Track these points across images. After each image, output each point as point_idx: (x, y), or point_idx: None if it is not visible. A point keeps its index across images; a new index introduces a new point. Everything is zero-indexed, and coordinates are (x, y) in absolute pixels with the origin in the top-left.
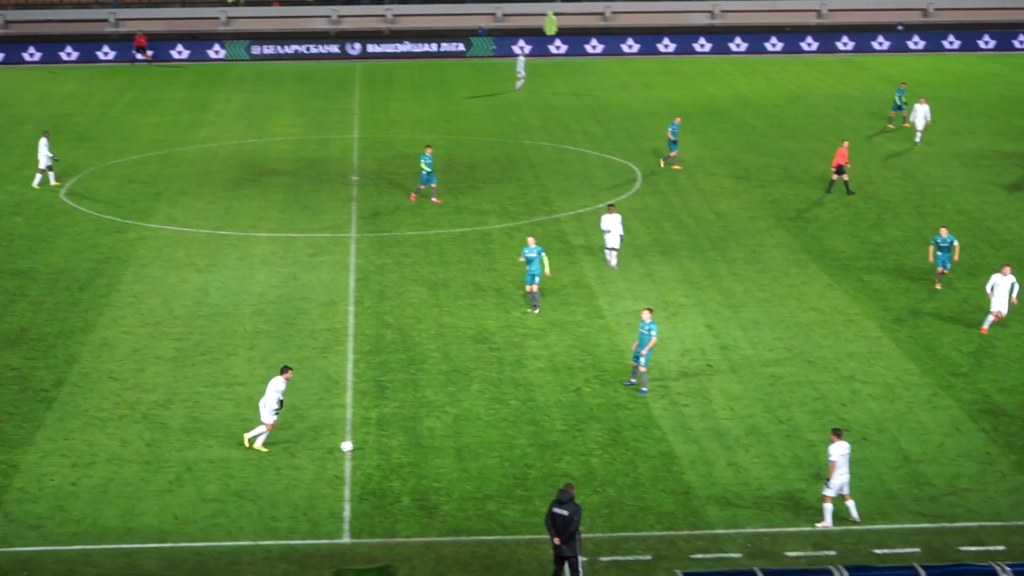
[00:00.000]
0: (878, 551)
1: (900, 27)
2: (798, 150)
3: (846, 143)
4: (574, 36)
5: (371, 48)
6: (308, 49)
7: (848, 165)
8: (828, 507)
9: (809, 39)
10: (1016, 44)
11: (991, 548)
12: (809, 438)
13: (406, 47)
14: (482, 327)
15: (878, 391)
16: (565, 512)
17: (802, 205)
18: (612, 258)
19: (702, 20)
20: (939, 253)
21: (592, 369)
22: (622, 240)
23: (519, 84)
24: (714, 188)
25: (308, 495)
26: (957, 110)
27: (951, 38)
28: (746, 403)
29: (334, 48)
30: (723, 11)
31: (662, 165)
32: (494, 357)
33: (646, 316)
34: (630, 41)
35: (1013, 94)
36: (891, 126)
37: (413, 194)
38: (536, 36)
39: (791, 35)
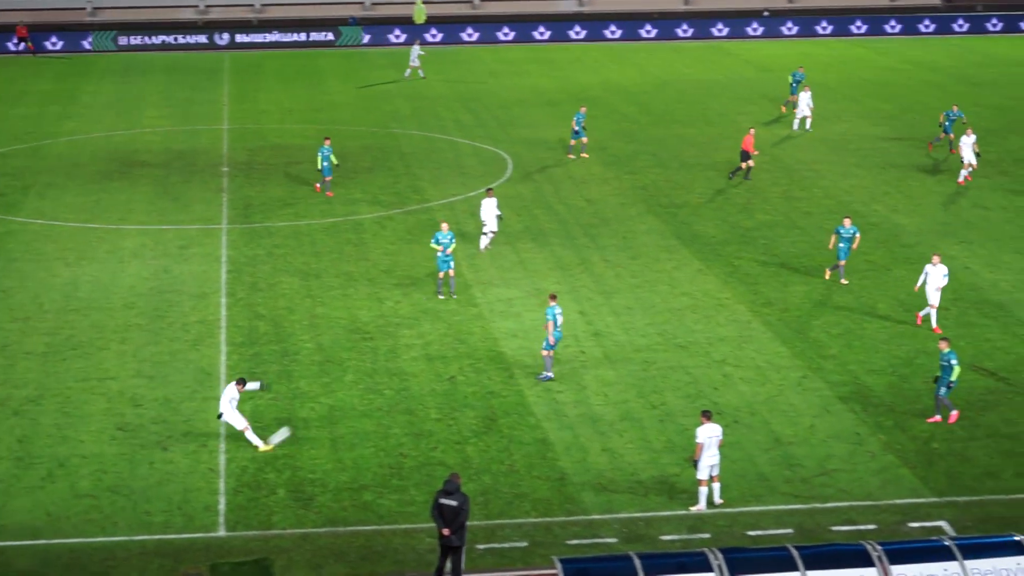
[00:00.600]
0: (751, 533)
1: (766, 13)
2: (668, 136)
3: (753, 130)
4: (445, 24)
5: (240, 38)
6: (176, 39)
7: (755, 152)
8: (703, 490)
9: (685, 25)
10: (887, 29)
11: (862, 527)
12: (682, 422)
13: (275, 36)
14: (355, 317)
15: (749, 374)
16: (454, 502)
17: (672, 191)
18: (484, 241)
19: (572, 7)
20: (841, 244)
21: (466, 357)
22: (500, 222)
23: (408, 72)
24: (585, 175)
25: (182, 489)
26: (825, 95)
27: (823, 23)
28: (620, 389)
29: (202, 38)
30: None
31: (570, 156)
32: (368, 347)
33: (551, 301)
34: (505, 29)
35: (879, 78)
36: (784, 109)
37: (318, 185)
38: (406, 25)
39: (665, 22)
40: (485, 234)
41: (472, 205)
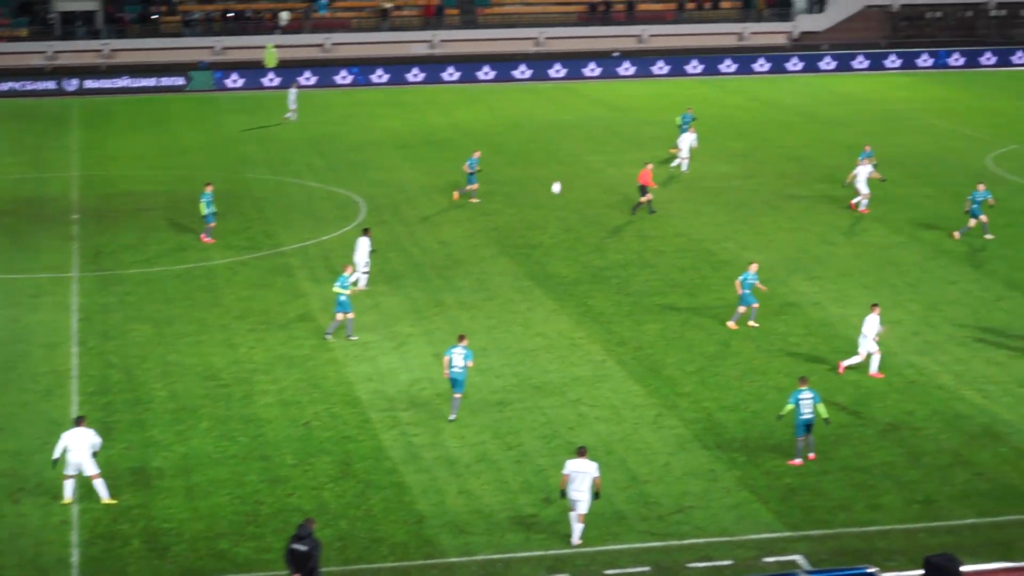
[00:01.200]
0: (609, 572)
1: (615, 54)
2: (521, 177)
3: (650, 165)
4: (291, 68)
5: (88, 84)
6: (24, 86)
7: (653, 186)
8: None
9: (523, 67)
10: (722, 69)
11: (718, 563)
12: (539, 463)
13: (124, 82)
14: (209, 364)
15: (604, 413)
16: (303, 547)
17: (526, 231)
18: (362, 281)
19: (421, 50)
20: (745, 291)
21: (321, 403)
22: (368, 264)
23: (289, 115)
24: (438, 217)
25: (35, 542)
26: (674, 134)
27: (660, 64)
28: (476, 430)
29: (50, 84)
30: (442, 40)
31: (456, 198)
32: (222, 394)
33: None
34: (344, 72)
35: (725, 116)
36: (674, 151)
37: (203, 235)
38: (258, 69)
39: (505, 63)
40: (364, 274)
41: (325, 249)
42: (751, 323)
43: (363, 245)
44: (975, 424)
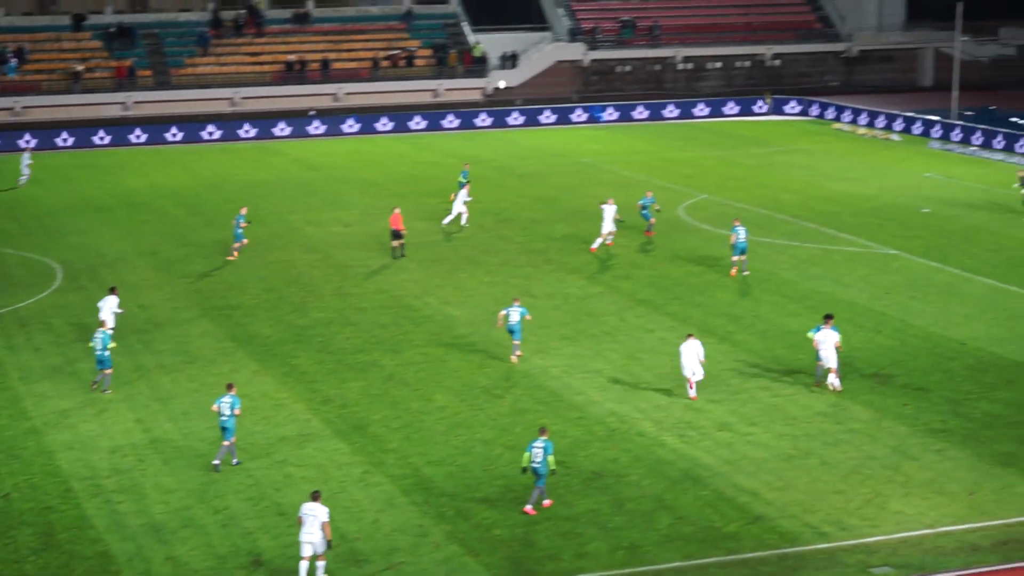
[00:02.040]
0: None
1: (311, 112)
2: (220, 238)
3: (397, 209)
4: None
5: None
6: None
7: (404, 231)
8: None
9: (211, 127)
10: (412, 125)
11: None
12: (246, 526)
13: None
14: None
15: (311, 473)
16: None
17: (226, 292)
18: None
19: (114, 112)
20: (511, 326)
21: (21, 474)
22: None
23: (22, 180)
24: (137, 280)
25: None
26: (372, 192)
27: (350, 121)
28: (181, 495)
29: None
30: (136, 102)
31: (235, 257)
32: None
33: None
34: (28, 136)
35: (422, 173)
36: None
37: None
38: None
39: (193, 124)
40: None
41: (21, 317)
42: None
43: (109, 303)
44: (676, 469)
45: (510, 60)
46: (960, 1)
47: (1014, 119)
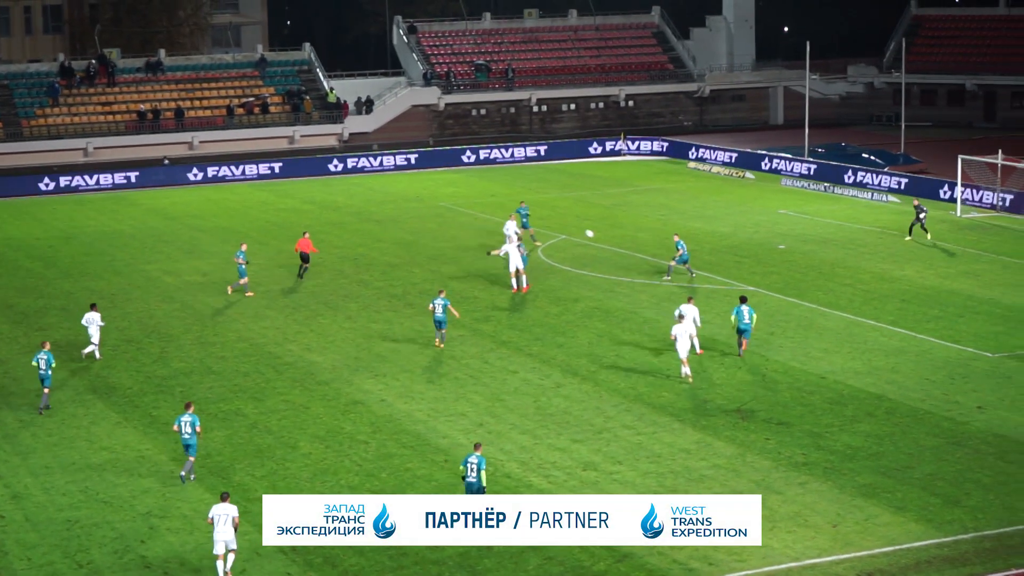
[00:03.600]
0: None
1: (166, 161)
2: (76, 289)
3: (307, 233)
4: None
5: None
6: None
7: (315, 251)
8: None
9: (64, 178)
10: (269, 172)
11: None
12: None
13: None
14: None
15: (176, 524)
16: None
17: (85, 344)
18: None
19: None
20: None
21: None
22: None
23: None
24: None
25: None
26: (229, 239)
27: (207, 170)
28: (43, 551)
29: None
30: None
31: (230, 292)
32: None
33: None
34: None
35: (281, 220)
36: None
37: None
38: None
39: (45, 175)
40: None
41: None
42: None
43: (94, 318)
44: None
45: (365, 105)
46: (808, 40)
47: (865, 155)
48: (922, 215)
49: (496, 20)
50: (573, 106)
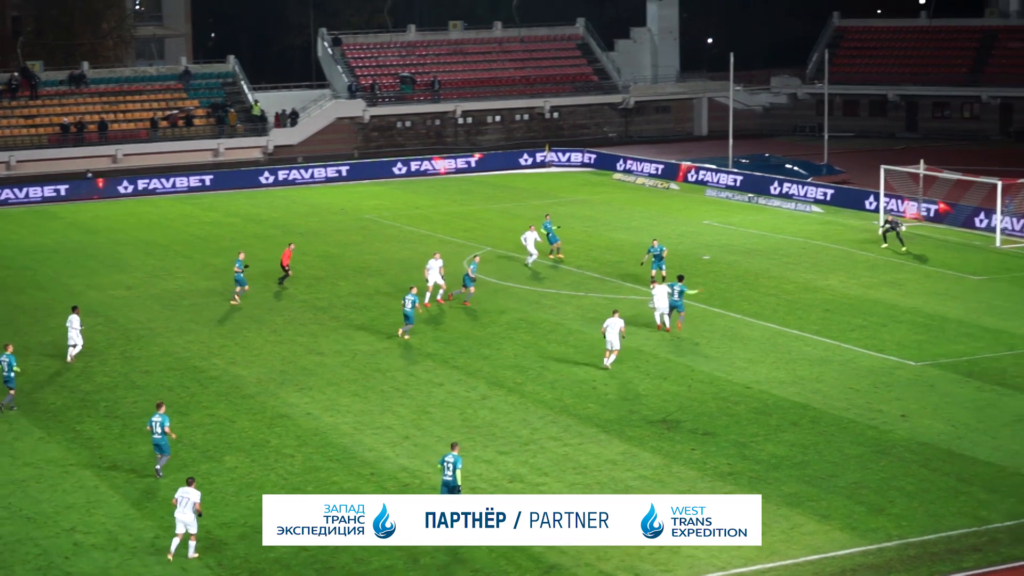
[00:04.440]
0: None
1: (89, 175)
2: None
3: (292, 245)
4: None
5: None
6: None
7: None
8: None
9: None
10: (193, 184)
11: None
12: None
13: None
14: None
15: (101, 540)
16: None
17: None
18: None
19: None
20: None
21: None
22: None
23: None
24: None
25: None
26: (154, 253)
27: (129, 183)
28: None
29: None
30: None
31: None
32: None
33: None
34: None
35: (206, 233)
36: (560, 256)
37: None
38: None
39: None
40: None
41: None
42: None
43: (74, 322)
44: None
45: (290, 118)
46: (732, 51)
47: (789, 165)
48: (899, 228)
49: (421, 32)
50: (499, 118)
